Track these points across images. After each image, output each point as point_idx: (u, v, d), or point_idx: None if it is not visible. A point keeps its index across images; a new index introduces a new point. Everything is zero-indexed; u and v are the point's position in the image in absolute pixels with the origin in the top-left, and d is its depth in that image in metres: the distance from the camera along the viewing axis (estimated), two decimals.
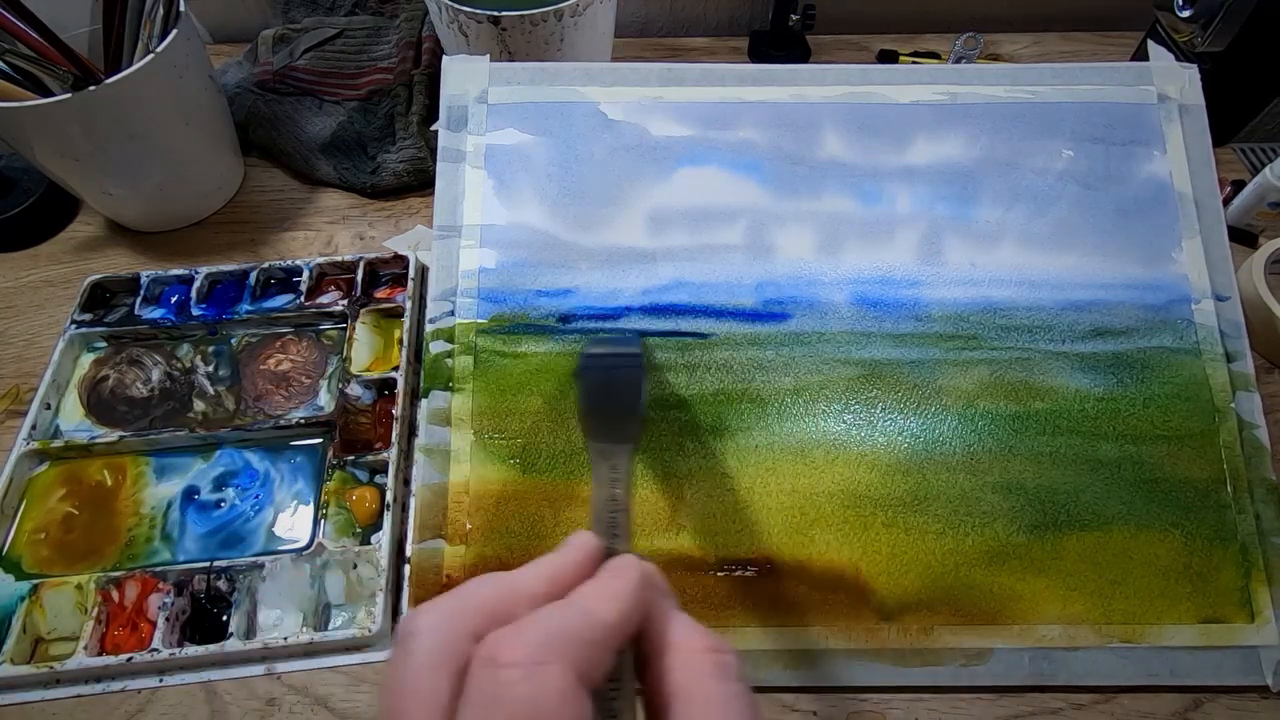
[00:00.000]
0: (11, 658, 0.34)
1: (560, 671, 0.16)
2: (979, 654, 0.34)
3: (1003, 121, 0.41)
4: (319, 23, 0.59)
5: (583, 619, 0.18)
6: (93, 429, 0.42)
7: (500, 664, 0.16)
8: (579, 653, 0.17)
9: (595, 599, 0.19)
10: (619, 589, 0.19)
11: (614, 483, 0.25)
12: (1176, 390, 0.37)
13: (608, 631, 0.18)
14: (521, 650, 0.16)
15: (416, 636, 0.17)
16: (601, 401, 0.30)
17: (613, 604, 0.18)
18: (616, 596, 0.19)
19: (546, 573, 0.20)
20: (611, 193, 0.40)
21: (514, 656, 0.16)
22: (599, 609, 0.18)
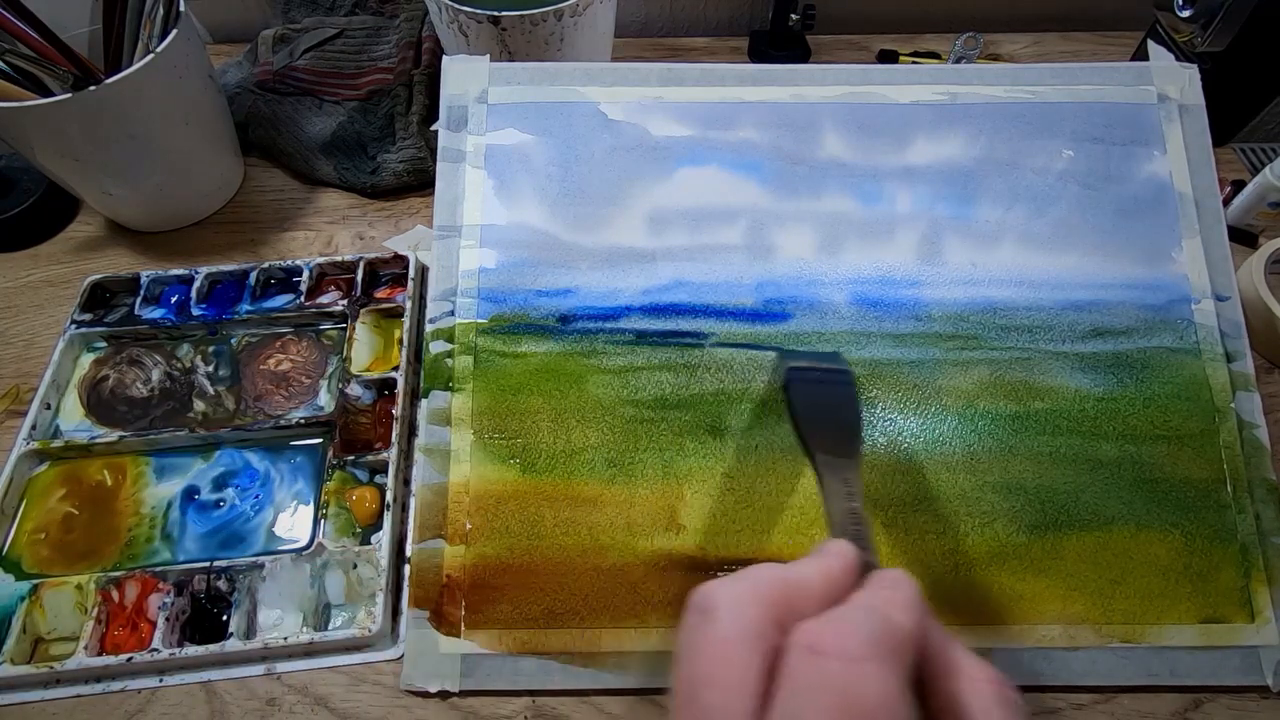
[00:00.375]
0: (11, 658, 0.34)
1: (885, 670, 0.16)
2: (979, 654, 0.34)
3: (1003, 121, 0.41)
4: (319, 23, 0.59)
5: (886, 623, 0.18)
6: (93, 429, 0.42)
7: (824, 653, 0.17)
8: (893, 654, 0.17)
9: (889, 606, 0.18)
10: (904, 599, 0.19)
11: (850, 496, 0.25)
12: (1176, 390, 0.37)
13: (906, 639, 0.18)
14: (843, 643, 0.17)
15: (720, 610, 0.18)
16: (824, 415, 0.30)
17: (906, 613, 0.18)
18: (906, 607, 0.19)
19: (822, 572, 0.20)
20: (611, 193, 0.40)
21: (838, 648, 0.17)
22: (896, 616, 0.18)
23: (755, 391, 0.37)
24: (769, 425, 0.37)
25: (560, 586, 0.35)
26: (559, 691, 0.34)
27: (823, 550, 0.21)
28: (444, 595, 0.34)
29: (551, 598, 0.35)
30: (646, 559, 0.35)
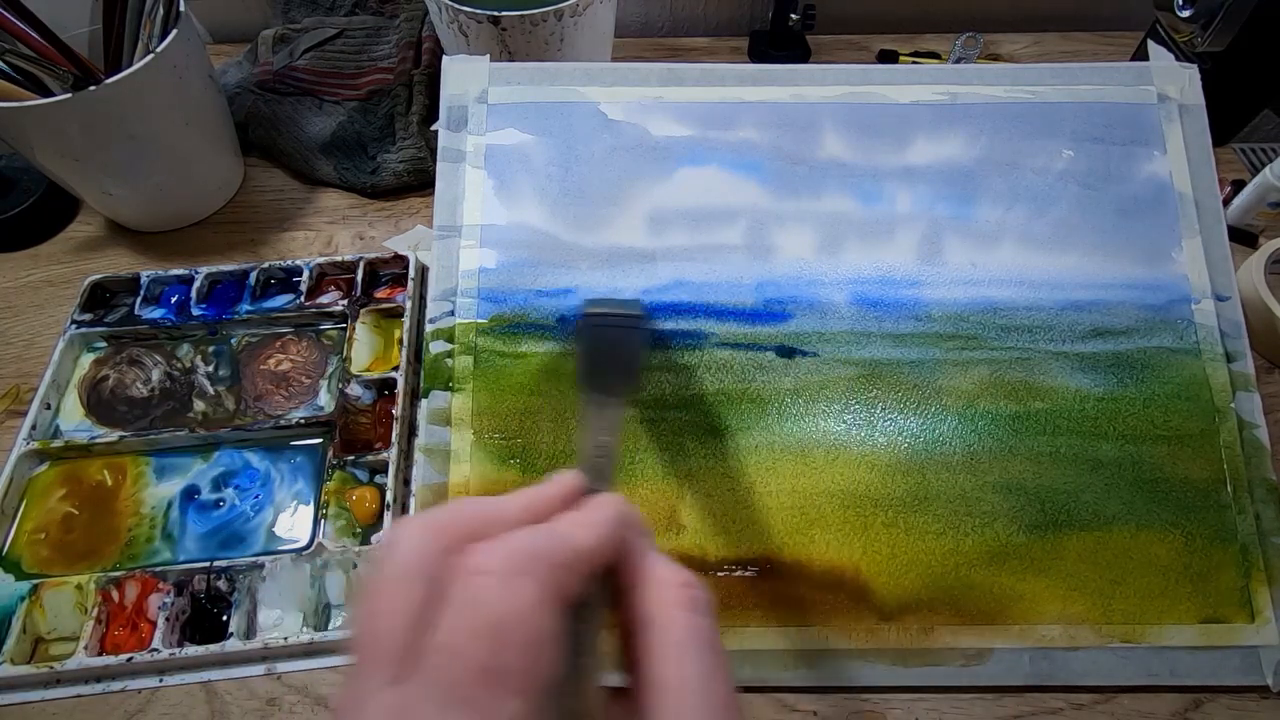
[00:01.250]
0: (11, 658, 0.34)
1: (533, 585, 0.17)
2: (979, 654, 0.34)
3: (1003, 121, 0.41)
4: (319, 23, 0.59)
5: (557, 541, 0.19)
6: (93, 429, 0.42)
7: (479, 572, 0.17)
8: (551, 572, 0.18)
9: (573, 527, 0.20)
10: (595, 519, 0.20)
11: (603, 430, 0.26)
12: (1176, 390, 0.37)
13: (579, 556, 0.19)
14: (498, 560, 0.17)
15: (397, 546, 0.18)
16: (601, 356, 0.31)
17: (588, 532, 0.19)
18: (592, 526, 0.20)
19: (525, 501, 0.21)
20: (611, 193, 0.40)
21: (491, 565, 0.17)
22: (574, 534, 0.19)
23: (755, 391, 0.37)
24: (769, 425, 0.37)
25: None
26: None
27: (549, 479, 0.22)
28: None
29: None
30: None
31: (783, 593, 0.35)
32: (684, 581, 0.20)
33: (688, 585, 0.20)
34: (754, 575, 0.35)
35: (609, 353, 0.31)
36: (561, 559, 0.18)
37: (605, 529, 0.20)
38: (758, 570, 0.35)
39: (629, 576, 0.20)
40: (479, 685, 0.16)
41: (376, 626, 0.17)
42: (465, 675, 0.16)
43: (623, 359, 0.31)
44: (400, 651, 0.17)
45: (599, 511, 0.20)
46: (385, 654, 0.17)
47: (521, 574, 0.17)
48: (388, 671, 0.17)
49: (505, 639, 0.16)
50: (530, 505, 0.20)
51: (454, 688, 0.16)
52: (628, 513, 0.21)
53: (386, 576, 0.18)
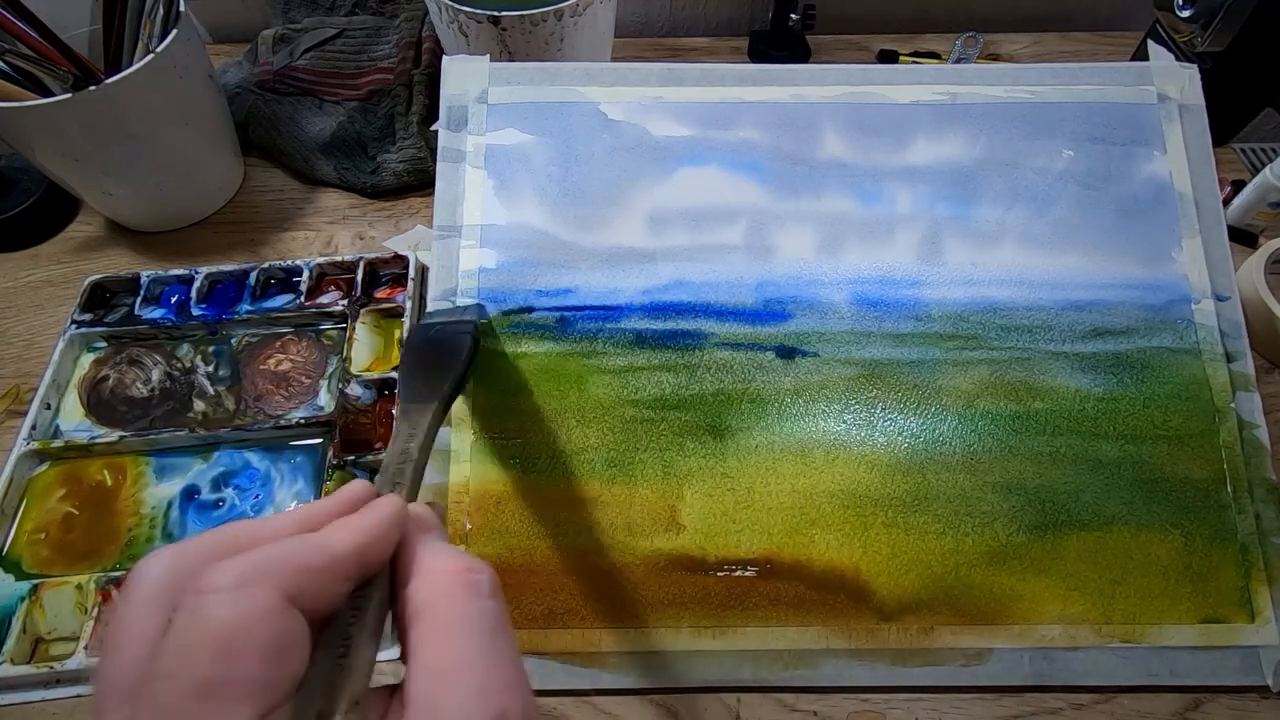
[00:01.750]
0: (11, 658, 0.34)
1: (263, 593, 0.16)
2: (979, 654, 0.34)
3: (1003, 121, 0.41)
4: (319, 23, 0.59)
5: (305, 546, 0.18)
6: (93, 429, 0.42)
7: (203, 590, 0.16)
8: (293, 577, 0.17)
9: (333, 530, 0.19)
10: (359, 522, 0.19)
11: (410, 438, 0.25)
12: (1176, 390, 0.37)
13: (333, 559, 0.18)
14: (225, 576, 0.16)
15: (140, 578, 0.17)
16: (418, 364, 0.31)
17: (347, 535, 0.18)
18: (354, 529, 0.19)
19: (299, 515, 0.20)
20: (611, 193, 0.40)
21: (217, 582, 0.16)
22: (330, 538, 0.18)
23: (755, 391, 0.37)
24: (769, 425, 0.37)
25: (560, 586, 0.35)
26: (559, 691, 0.34)
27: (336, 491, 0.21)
28: None
29: (551, 598, 0.35)
30: (646, 559, 0.35)
31: (783, 593, 0.35)
32: (460, 568, 0.19)
33: (466, 569, 0.19)
34: (754, 575, 0.35)
35: (421, 362, 0.31)
36: (305, 563, 0.17)
37: (370, 531, 0.19)
38: (758, 570, 0.35)
39: (405, 572, 0.19)
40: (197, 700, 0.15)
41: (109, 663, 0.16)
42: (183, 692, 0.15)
43: (435, 367, 0.30)
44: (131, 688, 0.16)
45: (365, 515, 0.19)
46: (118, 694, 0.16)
47: (252, 584, 0.16)
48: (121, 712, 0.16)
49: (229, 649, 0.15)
50: (305, 518, 0.20)
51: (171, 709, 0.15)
52: (406, 511, 0.20)
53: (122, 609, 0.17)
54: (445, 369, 0.30)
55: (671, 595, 0.35)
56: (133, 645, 0.16)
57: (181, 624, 0.16)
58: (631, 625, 0.34)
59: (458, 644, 0.18)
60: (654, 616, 0.35)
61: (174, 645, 0.16)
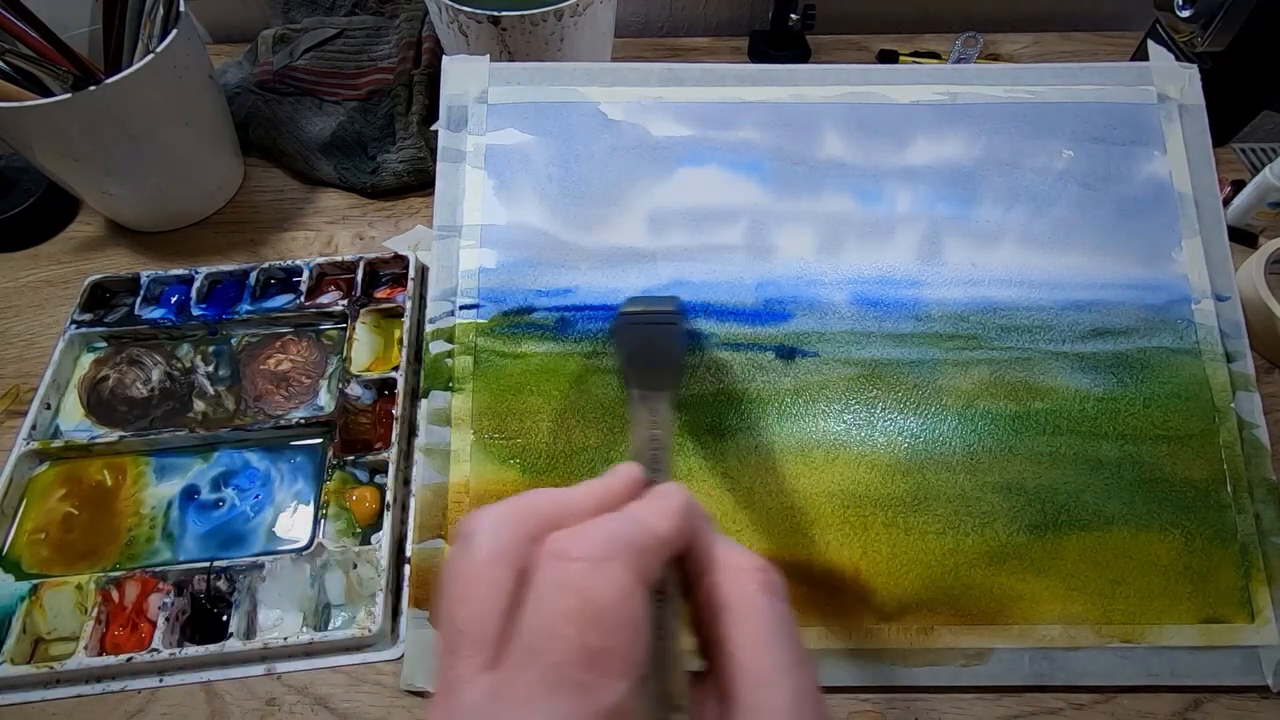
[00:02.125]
0: (11, 658, 0.34)
1: (622, 569, 0.17)
2: (979, 654, 0.34)
3: (1003, 121, 0.41)
4: (319, 23, 0.59)
5: (638, 527, 0.19)
6: (93, 429, 0.42)
7: (568, 558, 0.17)
8: (637, 557, 0.18)
9: (649, 514, 0.20)
10: (667, 507, 0.20)
11: (654, 424, 0.27)
12: (1176, 390, 0.37)
13: (659, 542, 0.19)
14: (587, 547, 0.17)
15: (478, 535, 0.18)
16: (641, 354, 0.32)
17: (663, 519, 0.19)
18: (666, 513, 0.20)
19: (596, 492, 0.21)
20: (611, 193, 0.40)
21: (581, 551, 0.17)
22: (652, 521, 0.19)
23: (755, 391, 0.37)
24: (769, 425, 0.37)
25: None
26: None
27: (612, 471, 0.22)
28: None
29: None
30: None
31: None
32: (759, 566, 0.20)
33: (763, 569, 0.20)
34: None
35: (649, 349, 0.32)
36: (643, 544, 0.18)
37: (678, 515, 0.20)
38: None
39: (701, 562, 0.20)
40: (581, 667, 0.16)
41: (466, 613, 0.17)
42: (568, 657, 0.16)
43: (662, 354, 0.32)
44: (493, 637, 0.17)
45: (668, 499, 0.21)
46: (477, 640, 0.17)
47: (609, 559, 0.17)
48: (481, 657, 0.17)
49: (604, 622, 0.16)
50: (600, 495, 0.21)
51: (556, 669, 0.16)
52: (694, 500, 0.21)
53: (471, 563, 0.18)
54: (669, 358, 0.32)
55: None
56: (486, 597, 0.17)
57: (551, 588, 0.17)
58: None
59: (777, 647, 0.19)
60: None
61: (549, 608, 0.17)
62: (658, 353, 0.32)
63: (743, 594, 0.19)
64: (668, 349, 0.32)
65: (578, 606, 0.17)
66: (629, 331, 0.33)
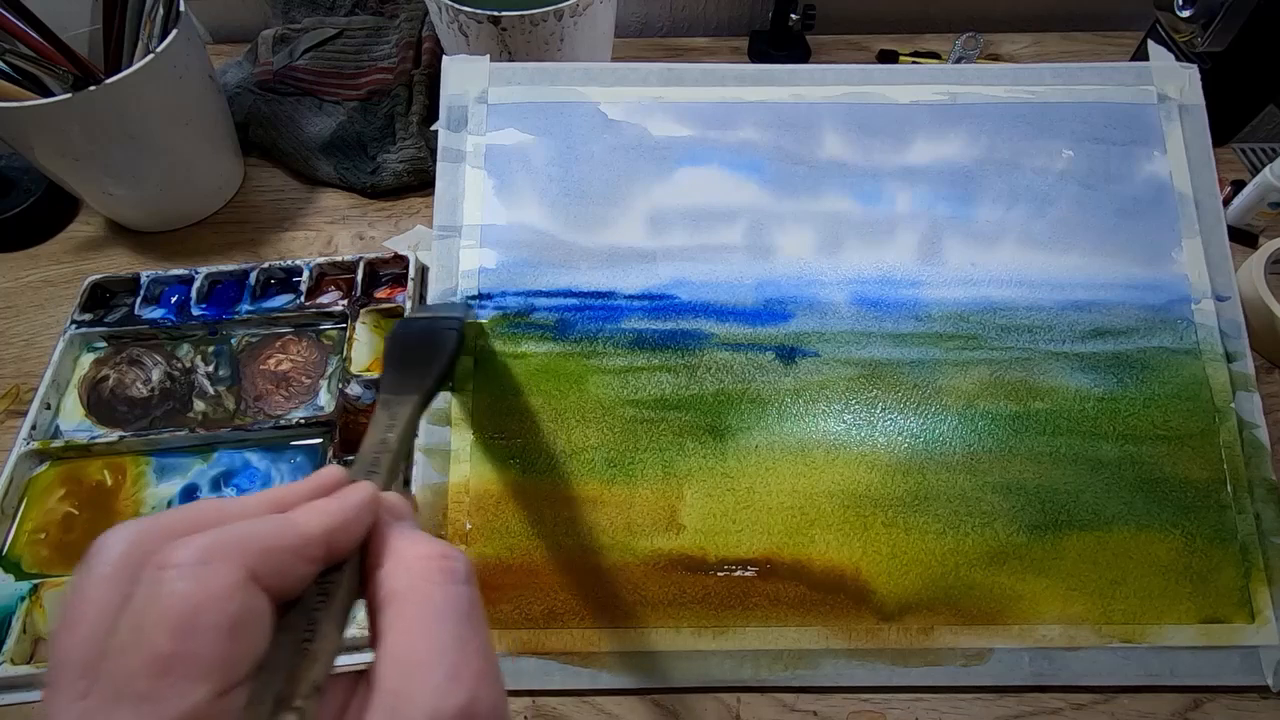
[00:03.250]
0: (11, 658, 0.34)
1: (226, 569, 0.16)
2: (979, 654, 0.34)
3: (1003, 121, 0.41)
4: (319, 23, 0.59)
5: (271, 526, 0.17)
6: (93, 429, 0.42)
7: (166, 565, 0.16)
8: (258, 556, 0.16)
9: (301, 512, 0.18)
10: (328, 505, 0.19)
11: (389, 428, 0.25)
12: (1176, 390, 0.37)
13: (300, 539, 0.17)
14: (187, 552, 0.16)
15: (100, 552, 0.17)
16: (401, 356, 0.31)
17: (316, 516, 0.18)
18: (324, 511, 0.18)
19: (271, 496, 0.19)
20: (611, 193, 0.40)
21: (179, 557, 0.16)
22: (299, 519, 0.18)
23: (755, 391, 0.37)
24: (769, 425, 0.37)
25: (560, 586, 0.35)
26: (559, 691, 0.34)
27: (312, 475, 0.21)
28: None
29: (551, 598, 0.35)
30: (646, 559, 0.35)
31: (783, 593, 0.35)
32: (434, 553, 0.19)
33: (441, 556, 0.18)
34: (754, 575, 0.35)
35: (403, 353, 0.31)
36: (273, 542, 0.17)
37: (339, 513, 0.18)
38: (757, 570, 0.35)
39: (376, 556, 0.19)
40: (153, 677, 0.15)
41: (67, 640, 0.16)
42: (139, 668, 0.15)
43: (418, 360, 0.31)
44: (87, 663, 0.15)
45: (336, 499, 0.19)
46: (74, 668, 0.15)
47: (214, 560, 0.16)
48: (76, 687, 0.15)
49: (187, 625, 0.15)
50: (275, 500, 0.19)
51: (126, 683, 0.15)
52: (378, 498, 0.20)
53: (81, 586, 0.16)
54: (429, 363, 0.31)
55: (671, 595, 0.35)
56: (89, 620, 0.16)
57: (140, 599, 0.16)
58: (631, 625, 0.34)
59: (429, 630, 0.17)
60: (654, 616, 0.35)
61: (131, 620, 0.15)
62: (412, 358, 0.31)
63: (408, 583, 0.18)
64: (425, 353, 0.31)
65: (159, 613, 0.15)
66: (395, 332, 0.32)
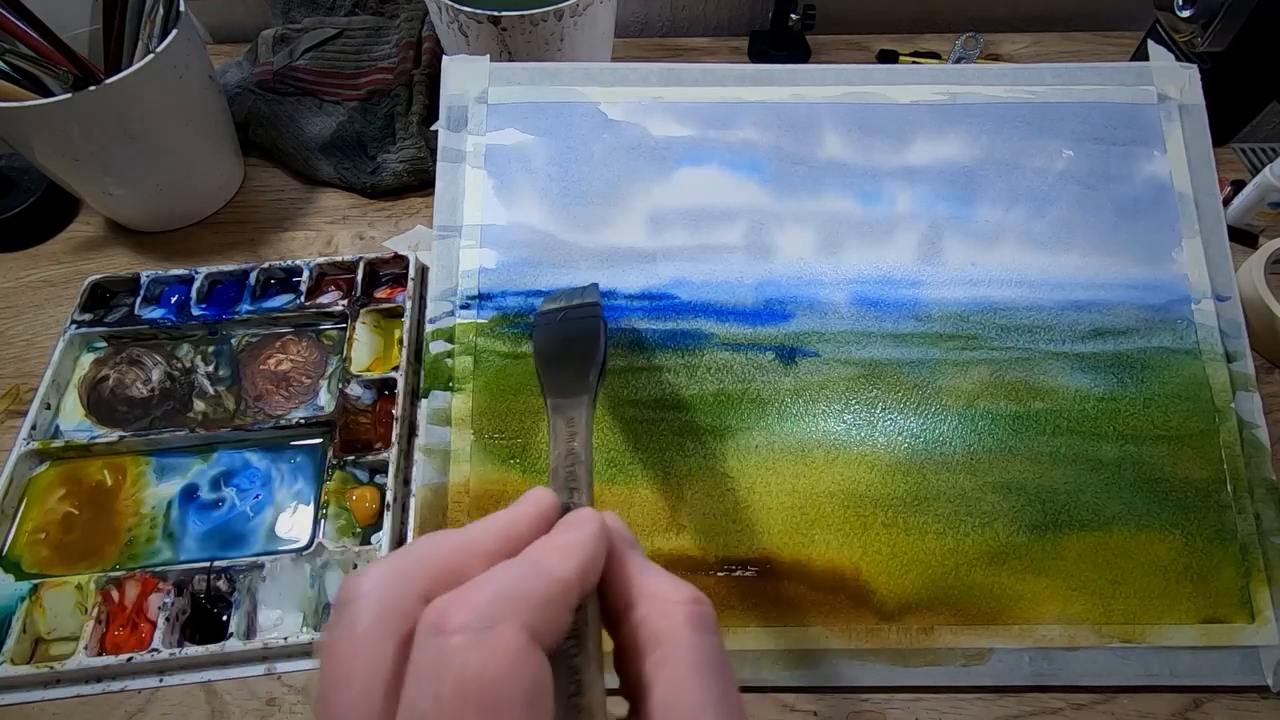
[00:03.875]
0: (11, 658, 0.34)
1: (511, 633, 0.15)
2: (979, 654, 0.34)
3: (1003, 121, 0.41)
4: (319, 23, 0.59)
5: (535, 576, 0.16)
6: (93, 429, 0.42)
7: (446, 631, 0.15)
8: (532, 613, 0.16)
9: (550, 554, 0.17)
10: (575, 542, 0.18)
11: (571, 436, 0.24)
12: (1176, 390, 0.37)
13: (564, 587, 0.17)
14: (468, 614, 0.15)
15: (359, 601, 0.16)
16: (556, 357, 0.29)
17: (568, 558, 0.17)
18: (572, 551, 0.17)
19: (499, 528, 0.18)
20: (611, 193, 0.40)
21: (460, 621, 0.15)
22: (553, 564, 0.17)
23: (755, 392, 0.37)
24: (769, 425, 0.37)
25: None
26: None
27: (521, 499, 0.20)
28: None
29: None
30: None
31: (783, 593, 0.35)
32: (688, 598, 0.18)
33: (694, 601, 0.18)
34: (754, 575, 0.35)
35: (562, 352, 0.29)
36: (539, 596, 0.16)
37: (586, 551, 0.18)
38: (757, 570, 0.35)
39: (624, 594, 0.18)
40: None
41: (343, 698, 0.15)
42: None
43: (577, 356, 0.28)
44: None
45: (575, 531, 0.18)
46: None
47: (493, 624, 0.15)
48: None
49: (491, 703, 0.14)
50: (504, 532, 0.18)
51: None
52: (609, 526, 0.19)
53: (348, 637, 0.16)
54: (586, 359, 0.28)
55: None
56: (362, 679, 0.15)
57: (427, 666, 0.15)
58: None
59: (701, 682, 0.17)
60: None
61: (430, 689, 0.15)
62: (571, 355, 0.28)
63: (670, 629, 0.17)
64: (582, 349, 0.29)
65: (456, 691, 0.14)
66: (540, 334, 0.30)
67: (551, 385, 0.27)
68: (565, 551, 0.17)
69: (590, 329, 0.30)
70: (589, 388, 0.27)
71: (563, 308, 0.31)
